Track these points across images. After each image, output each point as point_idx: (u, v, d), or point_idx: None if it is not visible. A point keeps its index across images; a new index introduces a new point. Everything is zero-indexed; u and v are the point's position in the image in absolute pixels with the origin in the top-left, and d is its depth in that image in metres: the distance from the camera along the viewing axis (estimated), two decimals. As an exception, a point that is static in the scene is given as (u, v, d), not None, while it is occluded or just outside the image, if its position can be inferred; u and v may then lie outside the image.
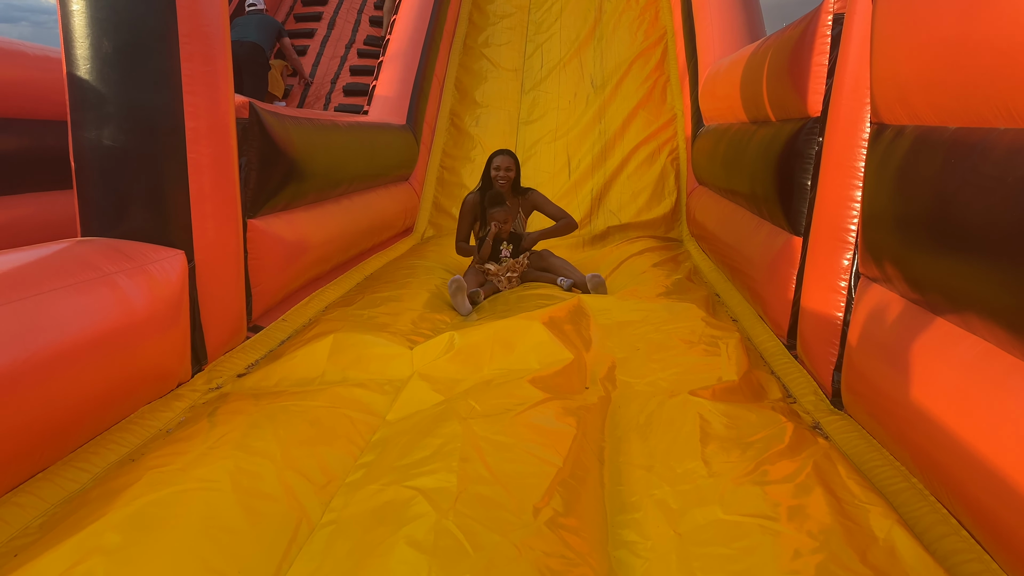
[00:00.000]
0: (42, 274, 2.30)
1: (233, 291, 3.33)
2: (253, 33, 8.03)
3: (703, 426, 2.51)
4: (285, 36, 8.52)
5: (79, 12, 2.76)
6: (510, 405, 2.60)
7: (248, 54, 7.81)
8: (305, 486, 2.15)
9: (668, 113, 7.40)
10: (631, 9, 8.30)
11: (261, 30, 8.11)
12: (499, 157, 5.12)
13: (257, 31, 8.07)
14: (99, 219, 2.90)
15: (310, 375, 3.05)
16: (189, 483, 2.08)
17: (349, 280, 4.94)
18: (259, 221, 3.72)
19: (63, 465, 2.30)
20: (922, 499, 2.12)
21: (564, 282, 4.70)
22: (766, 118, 4.15)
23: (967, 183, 1.87)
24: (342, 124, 5.12)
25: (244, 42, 7.79)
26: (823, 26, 3.28)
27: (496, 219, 4.84)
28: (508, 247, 4.93)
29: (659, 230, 6.65)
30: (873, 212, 2.49)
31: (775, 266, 3.63)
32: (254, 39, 7.97)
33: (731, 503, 2.04)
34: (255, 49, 7.92)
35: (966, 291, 1.91)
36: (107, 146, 2.84)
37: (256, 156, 3.61)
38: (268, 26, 8.23)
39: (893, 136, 2.36)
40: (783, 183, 3.58)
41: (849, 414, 2.73)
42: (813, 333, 3.02)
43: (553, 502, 2.01)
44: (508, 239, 4.93)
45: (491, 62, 8.16)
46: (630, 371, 3.19)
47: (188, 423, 2.61)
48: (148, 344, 2.65)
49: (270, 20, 8.38)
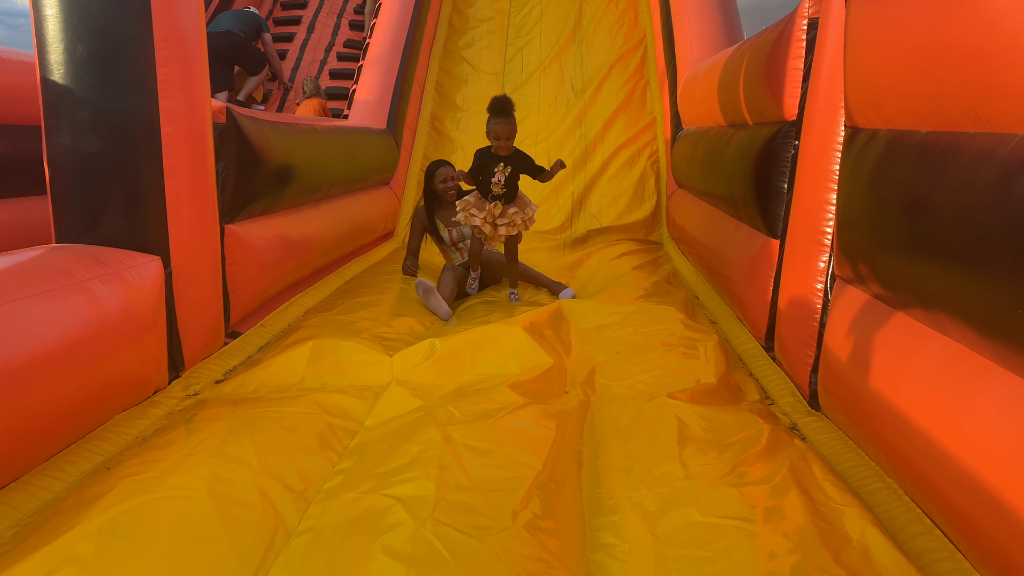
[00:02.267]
0: (16, 281, 2.28)
1: (211, 297, 3.31)
2: (226, 23, 8.09)
3: (681, 428, 2.53)
4: (266, 32, 8.51)
5: (53, 17, 2.74)
6: (489, 410, 2.60)
7: (227, 45, 7.83)
8: (282, 493, 2.14)
9: (648, 116, 7.44)
10: (610, 13, 8.33)
11: (236, 20, 8.14)
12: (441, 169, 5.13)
13: (231, 21, 8.11)
14: (74, 225, 2.87)
15: (288, 381, 3.04)
16: (165, 491, 2.06)
17: (329, 285, 4.92)
18: (237, 226, 3.70)
19: (37, 474, 2.27)
20: (896, 499, 2.14)
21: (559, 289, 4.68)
22: (743, 121, 4.18)
23: (938, 186, 1.90)
24: (321, 129, 5.10)
25: (220, 33, 7.83)
26: (798, 30, 3.31)
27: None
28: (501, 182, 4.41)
29: (639, 233, 6.68)
30: (847, 214, 2.52)
31: (753, 268, 3.65)
32: (226, 27, 8.01)
33: (708, 505, 2.06)
34: (229, 35, 7.97)
35: (937, 293, 1.94)
36: (82, 151, 2.82)
37: (234, 161, 3.59)
38: (247, 18, 8.24)
39: (867, 139, 2.38)
40: (760, 186, 3.61)
41: (826, 415, 2.75)
42: (790, 335, 3.05)
43: (532, 505, 2.02)
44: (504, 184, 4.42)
45: (471, 66, 8.17)
46: (609, 374, 3.20)
47: (165, 430, 2.58)
48: (124, 351, 2.62)
49: (250, 14, 8.37)
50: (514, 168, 4.46)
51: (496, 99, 4.38)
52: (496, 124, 4.38)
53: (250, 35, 8.17)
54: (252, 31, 8.24)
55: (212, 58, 7.87)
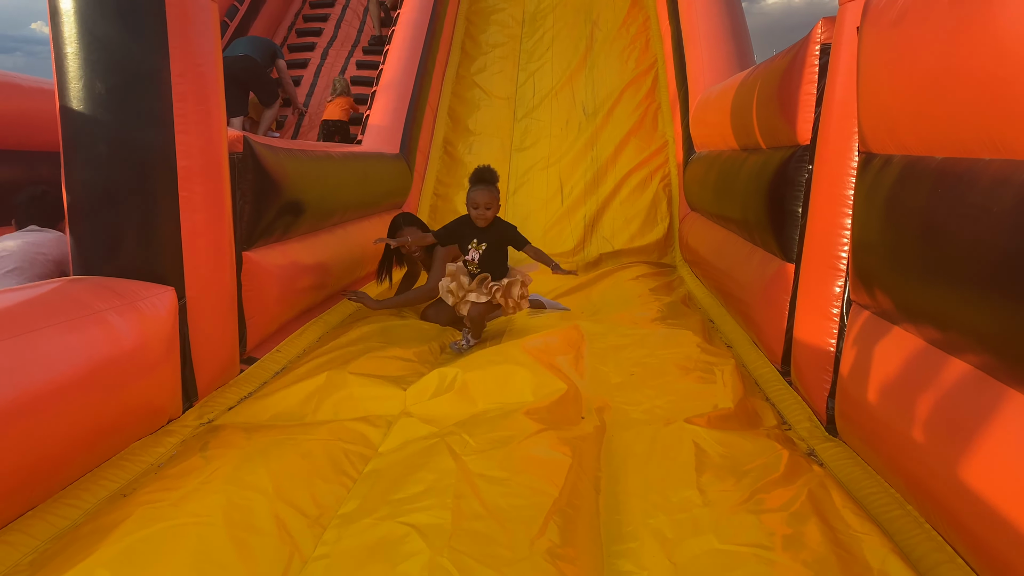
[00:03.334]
0: (33, 312, 2.30)
1: (225, 326, 3.32)
2: (243, 48, 8.20)
3: (699, 454, 2.51)
4: (281, 58, 8.63)
5: (72, 54, 2.78)
6: (504, 438, 2.59)
7: (243, 69, 7.94)
8: (297, 519, 2.14)
9: (660, 140, 7.46)
10: (622, 38, 8.40)
11: (252, 46, 8.25)
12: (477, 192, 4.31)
13: (248, 46, 8.24)
14: (91, 256, 2.90)
15: (302, 411, 3.04)
16: (181, 518, 2.07)
17: (344, 309, 4.94)
18: (254, 253, 3.73)
19: (54, 502, 2.28)
20: (917, 527, 2.11)
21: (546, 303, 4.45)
22: (756, 145, 4.19)
23: (954, 212, 1.89)
24: (336, 155, 5.14)
25: (237, 57, 7.95)
26: (811, 56, 3.32)
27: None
28: (475, 260, 4.09)
29: (652, 256, 6.68)
30: (863, 240, 2.51)
31: (768, 292, 3.64)
32: (243, 52, 8.12)
33: (726, 532, 2.04)
34: (245, 60, 8.07)
35: (955, 319, 1.93)
36: (99, 186, 2.85)
37: (251, 189, 3.62)
38: (262, 44, 8.36)
39: (881, 165, 2.38)
40: (774, 210, 3.60)
41: (844, 441, 2.72)
42: (806, 360, 3.03)
43: (549, 532, 2.01)
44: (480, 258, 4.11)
45: (484, 90, 8.24)
46: (626, 398, 3.18)
47: (179, 458, 2.59)
48: (138, 381, 2.64)
49: (265, 40, 8.50)
50: (490, 245, 4.06)
51: (478, 168, 4.10)
52: (474, 191, 4.03)
53: (265, 60, 8.29)
54: (267, 57, 8.36)
55: (228, 82, 7.97)
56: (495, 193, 4.05)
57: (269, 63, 8.44)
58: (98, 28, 2.76)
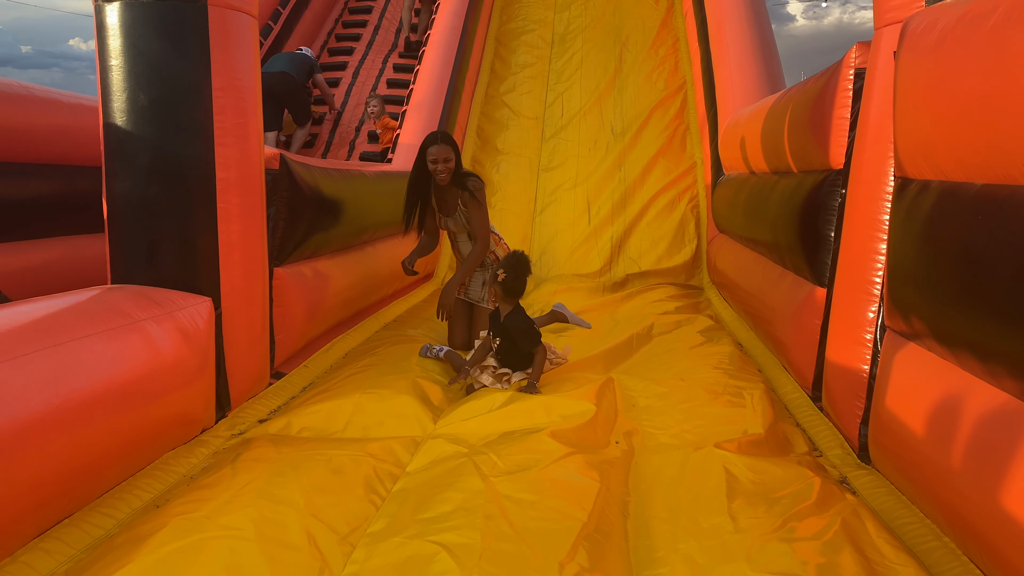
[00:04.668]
0: (74, 320, 2.34)
1: (258, 338, 3.36)
2: (281, 64, 8.35)
3: (729, 480, 2.49)
4: (318, 73, 8.84)
5: (117, 67, 2.85)
6: (532, 460, 2.59)
7: (280, 84, 8.11)
8: (327, 535, 2.15)
9: (688, 161, 7.46)
10: (651, 59, 8.42)
11: (290, 62, 8.42)
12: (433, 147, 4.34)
13: (286, 63, 8.40)
14: (129, 265, 2.95)
15: (332, 427, 3.05)
16: (213, 531, 2.08)
17: (370, 326, 4.96)
18: (285, 269, 3.77)
19: (89, 511, 2.31)
20: (954, 559, 2.08)
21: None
22: (787, 169, 4.18)
23: (995, 239, 1.87)
24: (368, 174, 5.20)
25: (274, 73, 8.13)
26: (845, 80, 3.31)
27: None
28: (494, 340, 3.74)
29: (679, 277, 6.66)
30: (899, 266, 2.49)
31: (799, 317, 3.61)
32: (281, 68, 8.27)
33: (758, 560, 2.02)
34: (283, 76, 8.21)
35: (995, 348, 1.90)
36: (139, 196, 2.91)
37: (285, 206, 3.67)
38: (299, 60, 8.53)
39: (918, 190, 2.37)
40: (806, 234, 3.58)
41: (877, 469, 2.69)
42: (839, 386, 3.00)
43: (578, 557, 2.00)
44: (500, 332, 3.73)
45: (512, 110, 8.29)
46: (653, 422, 3.17)
47: (211, 469, 2.61)
48: (175, 390, 2.67)
49: (302, 55, 8.67)
50: (504, 339, 3.73)
51: (512, 254, 3.85)
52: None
53: (302, 77, 8.48)
54: (304, 72, 8.55)
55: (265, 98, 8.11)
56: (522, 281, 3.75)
57: (306, 78, 8.61)
58: (143, 42, 2.83)
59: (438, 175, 4.36)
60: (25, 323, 2.20)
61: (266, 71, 8.08)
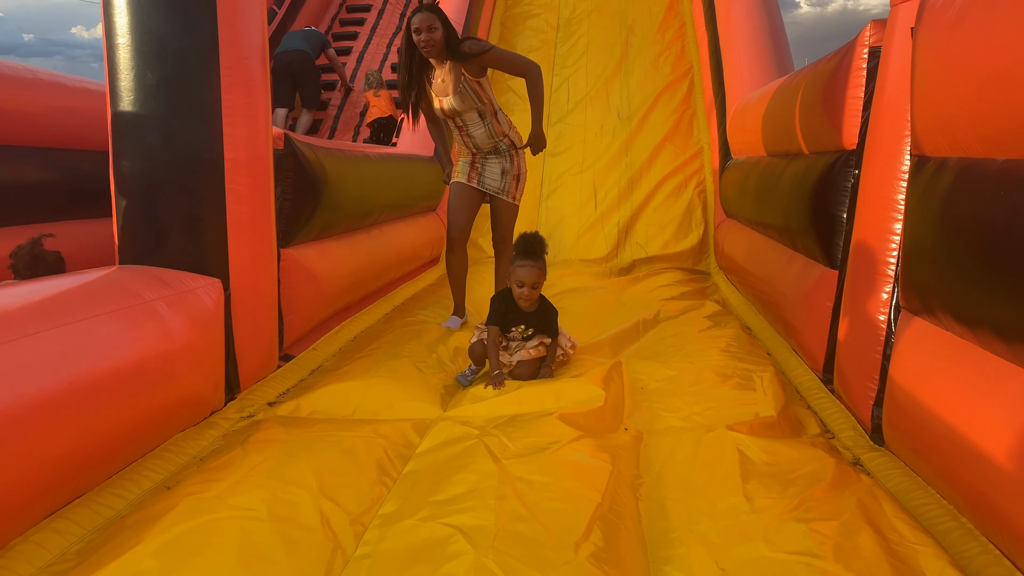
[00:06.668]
0: (85, 300, 2.32)
1: (267, 320, 3.34)
2: (298, 43, 8.50)
3: (743, 462, 2.47)
4: (330, 48, 9.02)
5: (124, 45, 2.82)
6: (543, 443, 2.57)
7: (299, 62, 8.31)
8: (340, 516, 2.13)
9: (695, 146, 7.41)
10: (657, 43, 8.36)
11: (306, 41, 8.58)
12: (415, 15, 3.94)
13: (300, 40, 8.56)
14: (138, 247, 2.93)
15: (341, 410, 3.04)
16: (225, 511, 2.07)
17: (378, 310, 4.95)
18: (292, 251, 3.75)
19: (100, 491, 2.29)
20: (973, 539, 2.05)
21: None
22: (799, 151, 4.14)
23: (1018, 216, 1.84)
24: (373, 155, 5.17)
25: (293, 51, 8.25)
26: (859, 58, 3.27)
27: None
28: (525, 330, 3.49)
29: (687, 263, 6.63)
30: (916, 245, 2.46)
31: (810, 299, 3.59)
32: (297, 46, 8.44)
33: (776, 540, 2.00)
34: (304, 56, 8.40)
35: (1018, 327, 1.87)
36: (148, 176, 2.88)
37: (291, 187, 3.65)
38: (313, 38, 8.71)
39: (936, 168, 2.33)
40: (818, 216, 3.55)
41: (891, 450, 2.67)
42: (852, 367, 2.97)
43: (593, 537, 1.98)
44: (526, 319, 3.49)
45: (518, 95, 8.22)
46: (663, 404, 3.14)
47: (222, 451, 2.60)
48: (185, 371, 2.65)
49: (315, 32, 8.78)
50: (536, 331, 3.50)
51: (524, 236, 3.43)
52: (521, 267, 3.33)
53: (316, 53, 8.57)
54: (318, 49, 8.74)
55: (281, 75, 8.13)
56: (543, 268, 3.39)
57: (318, 55, 8.76)
58: (150, 19, 2.80)
59: (422, 47, 3.94)
60: (35, 302, 2.18)
61: (284, 49, 8.22)
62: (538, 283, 3.37)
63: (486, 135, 4.22)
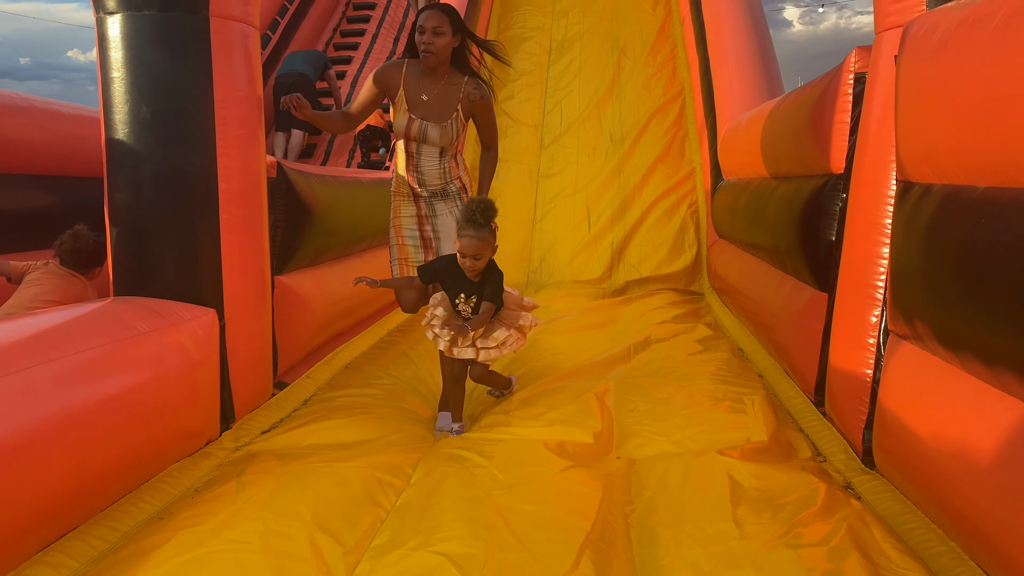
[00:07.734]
0: (80, 333, 2.34)
1: (261, 349, 3.35)
2: (300, 65, 8.52)
3: (733, 487, 2.49)
4: (330, 68, 9.03)
5: (119, 79, 2.85)
6: (533, 473, 2.59)
7: (300, 84, 8.26)
8: (334, 548, 2.14)
9: (687, 167, 7.46)
10: (649, 66, 8.43)
11: (307, 62, 8.61)
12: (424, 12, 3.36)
13: (303, 63, 8.57)
14: (132, 278, 2.95)
15: (335, 442, 3.04)
16: (219, 544, 2.08)
17: (372, 335, 4.96)
18: (286, 277, 3.77)
19: (94, 523, 2.30)
20: (961, 563, 2.07)
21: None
22: (788, 173, 4.18)
23: (999, 242, 1.88)
24: (365, 181, 5.20)
25: (294, 73, 8.30)
26: (845, 84, 3.32)
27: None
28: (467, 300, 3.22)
29: (680, 283, 6.65)
30: (902, 269, 2.49)
31: (801, 322, 3.61)
32: (301, 69, 8.45)
33: (765, 566, 2.02)
34: (304, 79, 8.39)
35: (1001, 351, 1.90)
36: (142, 207, 2.91)
37: (284, 214, 3.67)
38: (316, 59, 8.75)
39: (920, 194, 2.37)
40: (807, 239, 3.59)
41: (881, 474, 2.68)
42: (842, 390, 3.00)
43: (583, 566, 1.99)
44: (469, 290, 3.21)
45: (511, 118, 8.29)
46: (655, 428, 3.15)
47: (216, 482, 2.61)
48: (179, 402, 2.67)
49: (316, 53, 8.85)
50: (480, 298, 3.22)
51: (471, 200, 3.14)
52: (462, 237, 3.11)
53: (316, 75, 8.66)
54: (319, 70, 8.78)
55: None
56: (487, 239, 3.12)
57: (320, 76, 8.81)
58: (145, 54, 2.83)
59: (422, 50, 3.32)
60: (30, 335, 2.20)
61: (286, 71, 8.35)
62: (480, 254, 3.10)
63: (438, 173, 3.49)
